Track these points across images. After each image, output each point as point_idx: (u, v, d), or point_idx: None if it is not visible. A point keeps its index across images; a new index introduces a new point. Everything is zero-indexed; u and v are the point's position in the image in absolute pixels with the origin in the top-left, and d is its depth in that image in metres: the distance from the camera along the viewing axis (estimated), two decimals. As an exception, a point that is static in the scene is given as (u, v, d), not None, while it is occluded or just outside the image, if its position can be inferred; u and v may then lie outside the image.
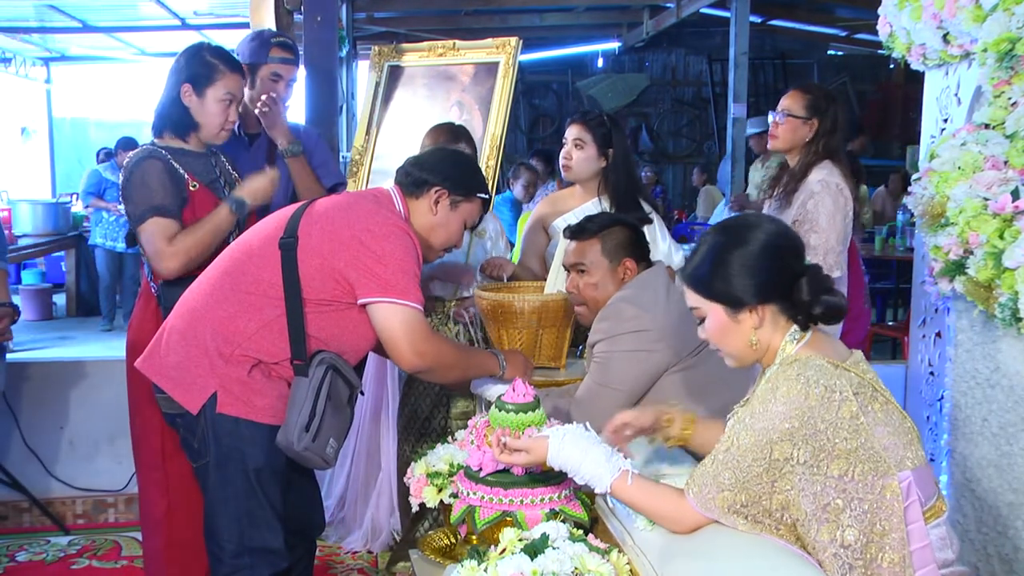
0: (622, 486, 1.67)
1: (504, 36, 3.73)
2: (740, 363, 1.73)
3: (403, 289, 2.11)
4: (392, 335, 2.13)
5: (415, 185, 2.28)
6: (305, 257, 2.13)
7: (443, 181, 2.27)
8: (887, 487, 1.53)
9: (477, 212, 2.35)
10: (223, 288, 2.17)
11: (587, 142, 3.06)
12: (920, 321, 3.05)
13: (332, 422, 2.13)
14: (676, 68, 12.45)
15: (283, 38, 3.10)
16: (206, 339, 2.13)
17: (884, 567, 1.52)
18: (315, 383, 2.10)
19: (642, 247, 2.45)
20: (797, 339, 1.65)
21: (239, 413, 2.12)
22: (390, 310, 2.12)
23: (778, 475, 1.53)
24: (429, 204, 2.27)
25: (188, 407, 2.14)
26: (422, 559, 2.05)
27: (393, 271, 2.11)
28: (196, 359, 2.14)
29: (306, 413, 2.08)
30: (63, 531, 3.67)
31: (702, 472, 1.61)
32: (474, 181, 2.34)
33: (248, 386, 2.12)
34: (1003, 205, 2.17)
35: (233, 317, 2.13)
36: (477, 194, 2.33)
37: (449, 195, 2.27)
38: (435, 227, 2.28)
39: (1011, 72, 2.27)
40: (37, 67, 10.50)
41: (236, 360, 2.12)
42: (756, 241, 1.65)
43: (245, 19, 4.44)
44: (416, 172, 2.29)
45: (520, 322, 2.62)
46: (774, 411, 1.54)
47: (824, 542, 1.52)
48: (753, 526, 1.56)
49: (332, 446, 2.14)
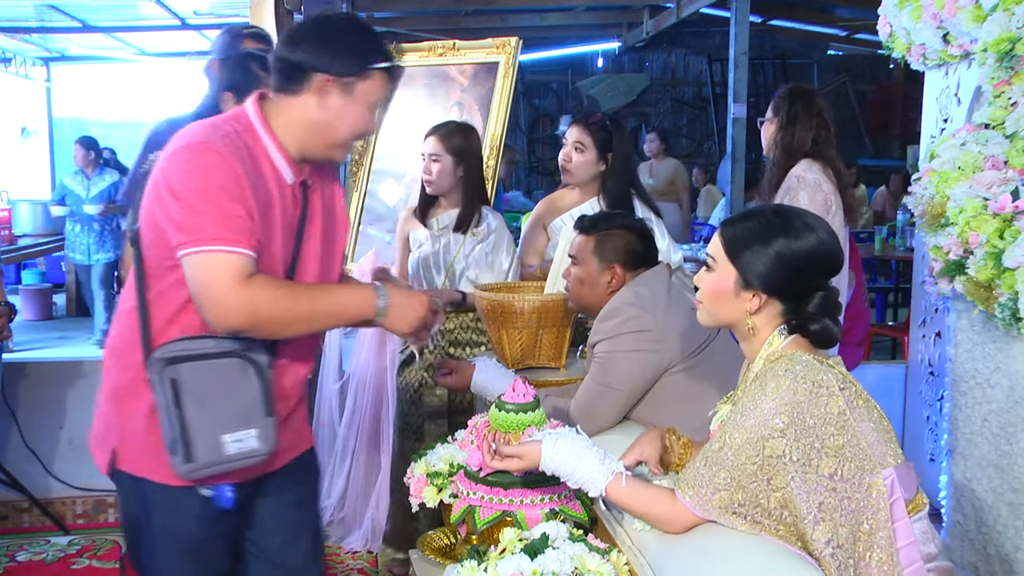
0: (616, 489, 1.67)
1: (504, 36, 3.74)
2: (712, 324, 1.77)
3: (199, 230, 1.59)
4: (195, 292, 1.61)
5: (287, 78, 1.72)
6: (144, 234, 1.68)
7: (324, 62, 1.70)
8: (872, 485, 1.55)
9: (382, 88, 1.77)
10: (120, 320, 1.78)
11: (587, 146, 3.06)
12: (920, 321, 3.05)
13: (204, 417, 1.64)
14: (676, 68, 12.44)
15: (255, 29, 2.99)
16: (110, 374, 1.76)
17: (873, 566, 1.53)
18: (159, 393, 1.63)
19: (642, 256, 2.43)
20: (784, 334, 1.67)
21: (140, 472, 1.71)
22: (191, 264, 1.60)
23: (772, 472, 1.54)
24: (316, 99, 1.71)
25: (101, 468, 1.77)
26: (422, 559, 2.05)
27: (187, 208, 1.59)
28: (101, 413, 1.78)
29: (164, 433, 1.63)
30: (63, 531, 3.67)
31: (695, 473, 1.61)
32: (367, 49, 1.74)
33: (150, 429, 1.67)
34: (1003, 205, 2.17)
35: (122, 351, 1.73)
36: (371, 65, 1.73)
37: (336, 79, 1.70)
38: (331, 122, 1.73)
39: (1011, 72, 2.27)
40: (37, 67, 10.49)
41: (129, 392, 1.70)
42: (807, 240, 1.64)
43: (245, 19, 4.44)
44: (288, 55, 1.72)
45: (520, 322, 2.62)
46: (764, 408, 1.55)
47: (821, 542, 1.52)
48: (752, 526, 1.56)
49: (236, 439, 1.66)
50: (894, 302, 7.18)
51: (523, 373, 2.54)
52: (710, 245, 1.73)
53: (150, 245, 1.67)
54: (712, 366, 2.23)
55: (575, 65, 12.22)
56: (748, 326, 1.68)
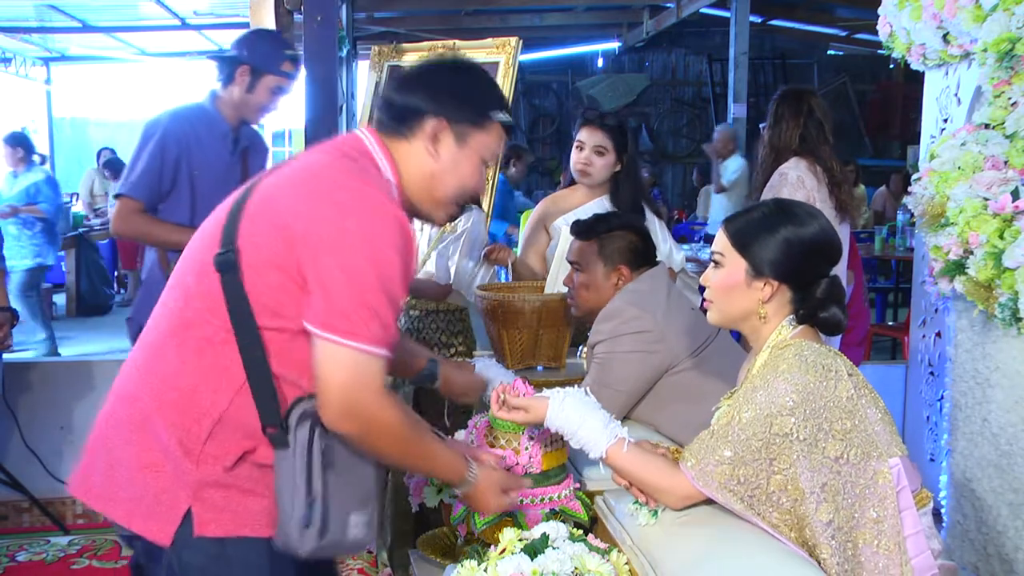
0: (617, 453, 1.68)
1: (504, 36, 3.74)
2: (722, 322, 1.76)
3: (358, 323, 1.42)
4: (323, 379, 1.44)
5: (399, 120, 1.59)
6: (256, 275, 1.46)
7: (439, 107, 1.58)
8: (879, 472, 1.56)
9: (496, 143, 1.66)
10: (166, 356, 1.52)
11: (608, 149, 3.01)
12: (920, 321, 3.05)
13: (343, 493, 1.49)
14: (676, 68, 12.46)
15: (295, 52, 3.04)
16: (161, 436, 1.48)
17: (880, 554, 1.54)
18: (302, 453, 1.46)
19: (644, 254, 2.43)
20: (793, 325, 1.69)
21: (226, 531, 1.48)
22: (330, 350, 1.43)
23: (777, 452, 1.55)
24: (425, 145, 1.58)
25: (156, 539, 1.48)
26: (422, 559, 2.05)
27: (354, 294, 1.42)
28: (153, 468, 1.49)
29: (300, 500, 1.45)
30: (63, 531, 3.67)
31: (700, 445, 1.62)
32: (486, 98, 1.64)
33: (233, 488, 1.48)
34: (1003, 205, 2.17)
35: (192, 394, 1.48)
36: (492, 115, 1.62)
37: (452, 126, 1.59)
38: (440, 176, 1.60)
39: (1011, 72, 2.27)
40: (37, 67, 10.50)
41: (209, 456, 1.47)
42: (811, 227, 1.68)
43: (245, 19, 4.44)
44: (398, 99, 1.60)
45: (520, 322, 2.62)
46: (775, 387, 1.56)
47: (823, 522, 1.53)
48: (747, 508, 1.57)
49: (357, 523, 1.50)
50: (894, 302, 7.19)
51: (523, 373, 2.54)
52: (715, 243, 1.75)
53: (269, 298, 1.46)
54: (712, 366, 2.23)
55: (575, 65, 12.23)
56: (761, 315, 1.69)
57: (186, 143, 2.86)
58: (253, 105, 2.93)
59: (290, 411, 1.47)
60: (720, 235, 1.74)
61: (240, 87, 2.87)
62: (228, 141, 2.96)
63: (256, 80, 2.89)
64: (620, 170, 3.06)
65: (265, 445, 1.49)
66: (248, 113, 2.96)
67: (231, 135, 2.96)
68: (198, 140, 2.88)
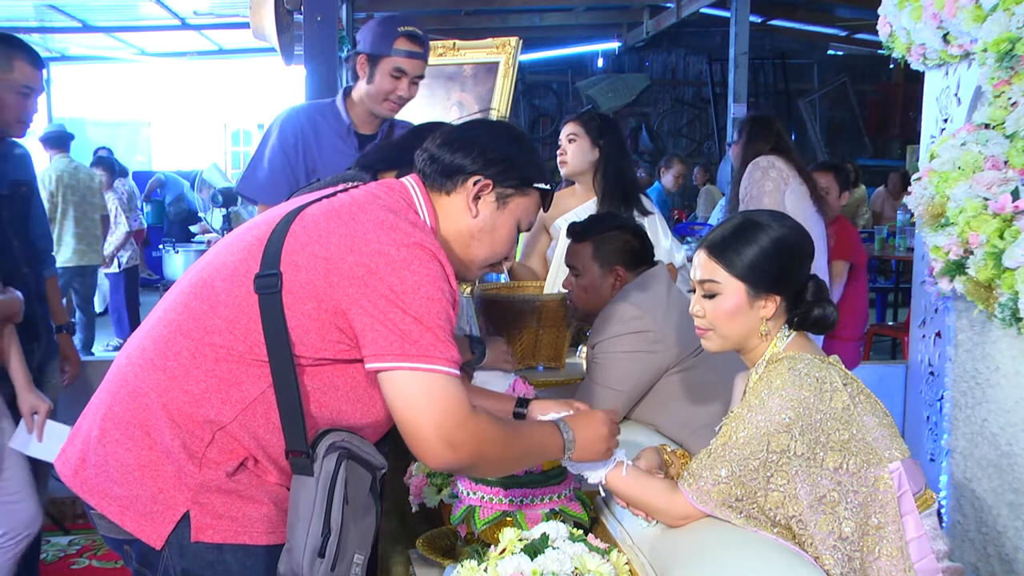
0: (616, 477, 1.69)
1: (504, 36, 3.74)
2: (724, 348, 1.73)
3: (429, 346, 1.41)
4: (412, 417, 1.42)
5: (444, 175, 1.62)
6: (294, 301, 1.46)
7: (485, 167, 1.60)
8: (879, 479, 1.56)
9: (534, 209, 1.68)
10: (179, 355, 1.49)
11: (580, 135, 3.13)
12: (920, 321, 3.05)
13: (355, 533, 1.48)
14: (676, 68, 12.46)
15: (411, 28, 2.81)
16: (164, 435, 1.46)
17: (883, 560, 1.55)
18: (325, 483, 1.44)
19: (640, 254, 2.43)
20: (786, 336, 1.69)
21: (224, 537, 1.47)
22: (410, 380, 1.41)
23: (774, 469, 1.55)
24: (466, 201, 1.61)
25: (148, 540, 1.46)
26: (422, 559, 2.05)
27: (416, 318, 1.41)
28: (153, 468, 1.47)
29: (317, 530, 1.43)
30: (63, 531, 3.67)
31: (698, 465, 1.63)
32: (530, 165, 1.66)
33: (233, 495, 1.47)
34: (1003, 205, 2.17)
35: (201, 399, 1.47)
36: (535, 184, 1.65)
37: (495, 187, 1.61)
38: (475, 234, 1.62)
39: (1011, 72, 2.27)
40: (37, 67, 10.50)
41: (212, 460, 1.46)
42: (787, 230, 1.69)
43: (245, 19, 4.44)
44: (445, 156, 1.62)
45: (520, 322, 2.62)
46: (771, 404, 1.56)
47: (823, 535, 1.53)
48: (748, 521, 1.58)
49: (358, 563, 1.49)
50: (894, 302, 7.19)
51: (523, 373, 2.54)
52: (701, 272, 1.70)
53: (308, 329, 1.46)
54: (712, 366, 2.23)
55: (575, 65, 12.23)
56: (762, 332, 1.68)
57: (304, 140, 2.75)
58: (376, 94, 2.72)
59: (318, 440, 1.47)
60: (706, 263, 1.69)
61: (363, 79, 2.73)
62: (351, 138, 2.79)
63: (374, 67, 2.71)
64: (599, 158, 3.10)
65: (267, 460, 1.49)
66: (376, 105, 2.73)
67: (353, 132, 2.79)
68: (317, 136, 2.76)
